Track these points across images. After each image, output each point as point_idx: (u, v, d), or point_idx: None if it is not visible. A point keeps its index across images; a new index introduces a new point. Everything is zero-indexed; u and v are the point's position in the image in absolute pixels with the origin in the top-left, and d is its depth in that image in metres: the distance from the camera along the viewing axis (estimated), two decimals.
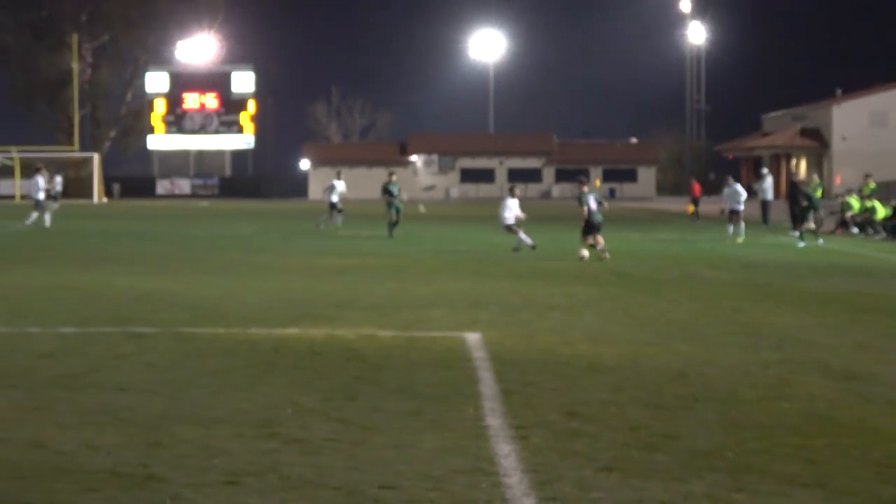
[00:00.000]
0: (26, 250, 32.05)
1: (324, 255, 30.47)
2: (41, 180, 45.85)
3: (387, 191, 39.97)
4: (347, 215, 48.45)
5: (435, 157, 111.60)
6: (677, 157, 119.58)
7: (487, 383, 11.76)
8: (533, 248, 31.09)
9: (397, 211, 39.25)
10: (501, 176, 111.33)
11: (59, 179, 60.42)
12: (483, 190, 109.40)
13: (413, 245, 35.02)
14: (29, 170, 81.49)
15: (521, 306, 18.74)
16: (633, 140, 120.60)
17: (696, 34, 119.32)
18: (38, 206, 44.90)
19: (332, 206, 45.62)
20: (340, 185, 46.59)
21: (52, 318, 16.68)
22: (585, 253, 28.56)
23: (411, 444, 9.24)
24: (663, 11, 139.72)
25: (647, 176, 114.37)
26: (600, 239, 28.99)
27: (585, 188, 29.75)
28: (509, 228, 31.78)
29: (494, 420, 10.07)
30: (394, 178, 41.25)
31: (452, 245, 34.88)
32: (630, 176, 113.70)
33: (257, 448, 9.09)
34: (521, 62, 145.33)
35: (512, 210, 31.74)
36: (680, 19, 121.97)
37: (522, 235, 31.45)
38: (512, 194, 32.66)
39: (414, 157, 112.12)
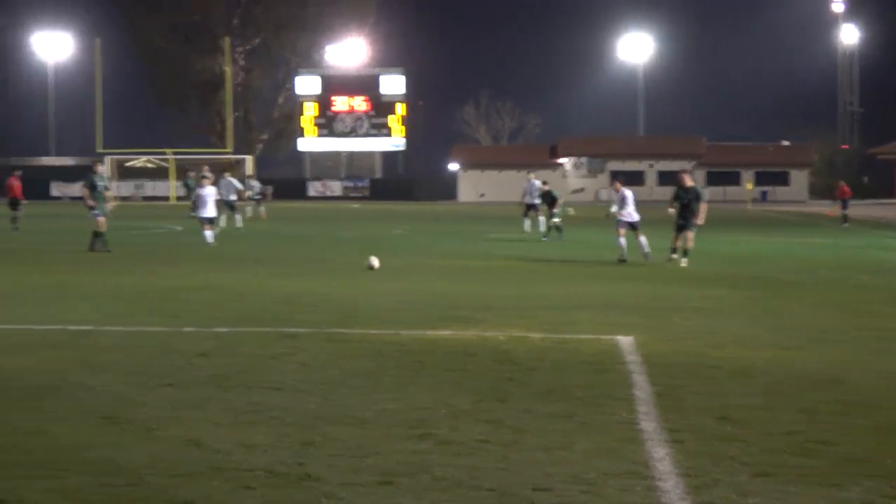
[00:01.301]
0: (174, 250, 32.59)
1: (470, 258, 30.52)
2: (235, 182, 47.10)
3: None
4: (492, 217, 48.33)
5: (584, 159, 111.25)
6: (829, 159, 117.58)
7: (641, 386, 11.65)
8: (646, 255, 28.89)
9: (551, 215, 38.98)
10: (651, 178, 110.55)
11: (256, 183, 61.27)
12: (635, 193, 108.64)
13: (560, 248, 34.90)
14: (182, 172, 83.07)
15: (665, 309, 18.55)
16: (785, 143, 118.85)
17: (849, 35, 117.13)
18: (232, 207, 45.90)
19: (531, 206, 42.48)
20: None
21: (207, 318, 16.94)
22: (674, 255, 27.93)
23: (563, 446, 9.19)
24: (815, 12, 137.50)
25: (799, 179, 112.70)
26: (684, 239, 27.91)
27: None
28: (632, 227, 29.39)
29: (648, 424, 9.96)
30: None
31: (596, 248, 34.63)
32: (782, 179, 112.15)
33: (409, 448, 9.11)
34: (670, 64, 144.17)
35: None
36: (832, 20, 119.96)
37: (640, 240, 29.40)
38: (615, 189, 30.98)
39: (563, 160, 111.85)
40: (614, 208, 30.29)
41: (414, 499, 7.79)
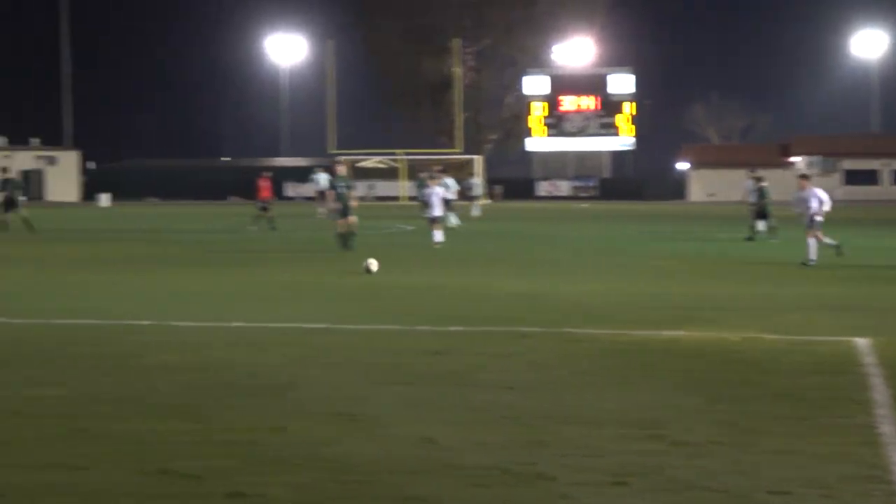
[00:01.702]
0: (404, 250, 32.99)
1: (701, 257, 30.21)
2: (450, 181, 47.80)
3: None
4: (722, 217, 47.62)
5: (817, 158, 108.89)
6: None
7: (879, 389, 11.36)
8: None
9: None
10: (887, 178, 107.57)
11: (477, 182, 61.82)
12: (869, 192, 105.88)
13: (785, 249, 34.25)
14: (413, 173, 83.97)
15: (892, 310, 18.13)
16: None
17: None
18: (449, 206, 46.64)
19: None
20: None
21: (440, 317, 17.12)
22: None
23: (799, 449, 9.03)
24: None
25: None
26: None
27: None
28: (812, 222, 27.24)
29: (887, 427, 9.72)
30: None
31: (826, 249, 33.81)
32: None
33: (642, 449, 9.07)
34: None
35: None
36: None
37: (825, 240, 27.88)
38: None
39: (796, 159, 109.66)
40: (811, 206, 28.05)
41: (646, 500, 7.76)
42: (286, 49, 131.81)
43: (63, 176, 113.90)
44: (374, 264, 24.43)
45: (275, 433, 9.59)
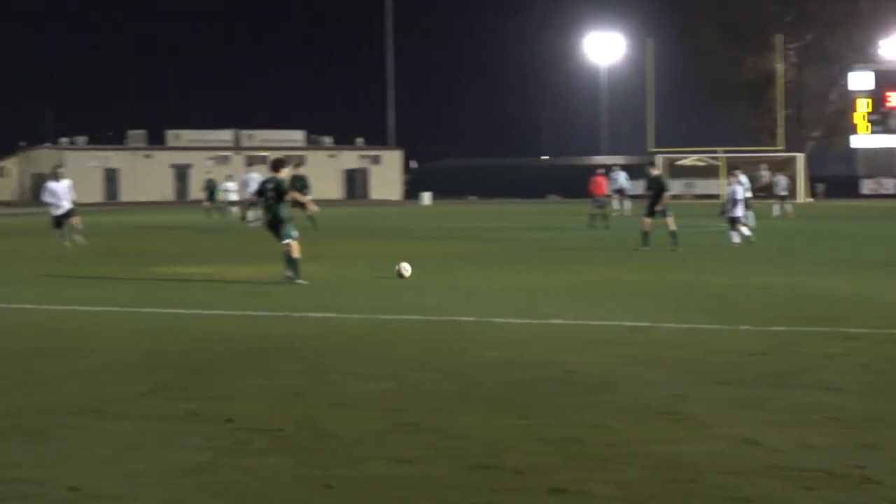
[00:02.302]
0: (718, 250, 32.57)
1: None
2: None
3: None
4: None
5: None
6: None
7: None
8: None
9: None
10: None
11: (782, 179, 60.66)
12: None
13: None
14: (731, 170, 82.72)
15: None
16: None
17: None
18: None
19: None
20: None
21: (761, 317, 16.85)
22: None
23: None
24: None
25: None
26: None
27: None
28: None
29: None
30: None
31: None
32: None
33: None
34: None
35: None
36: None
37: None
38: None
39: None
40: None
41: None
42: (605, 48, 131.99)
43: (386, 175, 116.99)
44: (406, 269, 23.39)
45: (597, 430, 9.61)
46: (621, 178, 61.70)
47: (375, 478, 8.22)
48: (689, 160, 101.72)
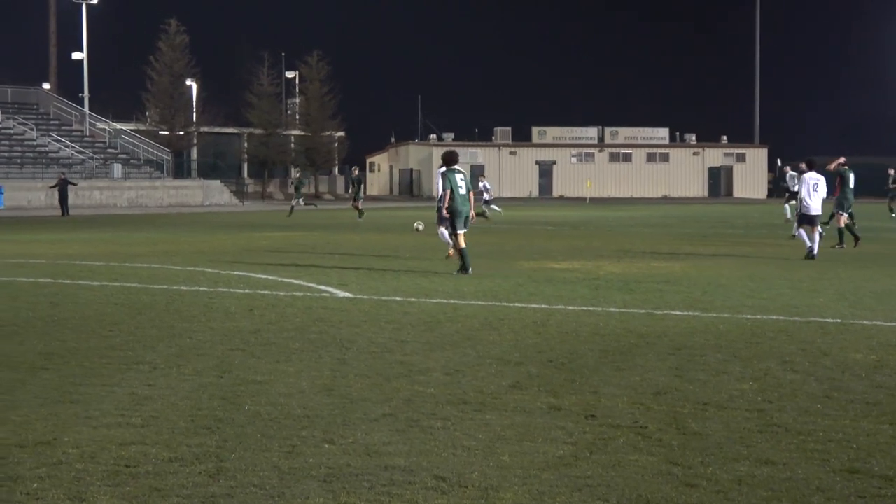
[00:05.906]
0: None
1: None
2: None
3: None
4: None
5: None
6: None
7: None
8: None
9: None
10: None
11: None
12: None
13: None
14: None
15: None
16: None
17: None
18: None
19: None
20: None
21: None
22: None
23: None
24: None
25: None
26: None
27: None
28: None
29: None
30: None
31: None
32: None
33: None
34: None
35: None
36: None
37: None
38: None
39: None
40: None
41: None
42: None
43: (751, 173, 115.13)
44: (420, 226, 25.57)
45: None
46: None
47: (740, 478, 8.16)
48: None
